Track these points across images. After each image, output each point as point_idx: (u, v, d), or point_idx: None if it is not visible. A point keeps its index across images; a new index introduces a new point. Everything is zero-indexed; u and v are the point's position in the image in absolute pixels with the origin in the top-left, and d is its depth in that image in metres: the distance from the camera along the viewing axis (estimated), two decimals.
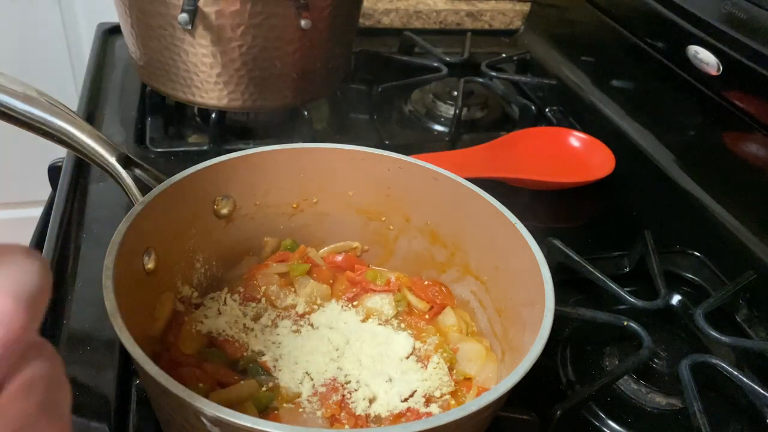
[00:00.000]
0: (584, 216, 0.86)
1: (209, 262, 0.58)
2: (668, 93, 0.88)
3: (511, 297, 0.52)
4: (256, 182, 0.58)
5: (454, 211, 0.57)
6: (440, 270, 0.61)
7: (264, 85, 0.81)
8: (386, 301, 0.58)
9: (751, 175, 0.75)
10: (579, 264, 0.67)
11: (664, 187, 0.85)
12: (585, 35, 1.08)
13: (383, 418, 0.48)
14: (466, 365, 0.53)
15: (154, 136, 0.87)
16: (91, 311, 0.60)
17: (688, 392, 0.55)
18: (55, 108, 0.52)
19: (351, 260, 0.63)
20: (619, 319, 0.61)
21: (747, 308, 0.69)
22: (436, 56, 1.11)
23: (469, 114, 1.01)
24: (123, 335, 0.38)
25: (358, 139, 0.92)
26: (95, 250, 0.66)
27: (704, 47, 0.77)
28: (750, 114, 0.74)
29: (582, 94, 1.03)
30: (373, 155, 0.58)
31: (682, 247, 0.75)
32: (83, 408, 0.51)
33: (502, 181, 0.83)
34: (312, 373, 0.50)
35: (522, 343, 0.48)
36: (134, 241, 0.47)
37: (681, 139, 0.86)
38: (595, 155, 0.89)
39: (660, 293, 0.65)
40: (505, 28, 1.31)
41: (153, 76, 0.84)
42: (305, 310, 0.57)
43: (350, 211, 0.62)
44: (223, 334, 0.53)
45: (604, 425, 0.56)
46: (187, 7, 0.72)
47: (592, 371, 0.61)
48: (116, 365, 0.55)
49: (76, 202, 0.72)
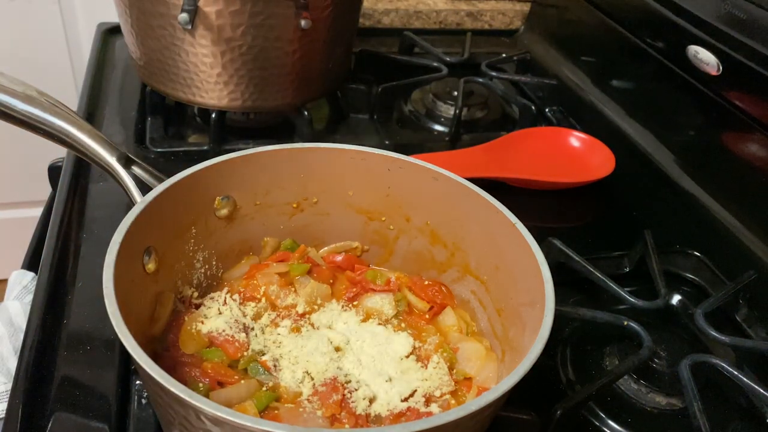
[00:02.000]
0: (584, 216, 0.86)
1: (209, 262, 0.58)
2: (668, 93, 0.88)
3: (511, 297, 0.52)
4: (256, 182, 0.58)
5: (454, 211, 0.57)
6: (440, 270, 0.61)
7: (264, 85, 0.81)
8: (386, 301, 0.58)
9: (751, 175, 0.75)
10: (579, 264, 0.67)
11: (664, 187, 0.85)
12: (585, 35, 1.08)
13: (383, 418, 0.48)
14: (466, 365, 0.53)
15: (154, 136, 0.87)
16: (91, 311, 0.60)
17: (688, 392, 0.55)
18: (55, 108, 0.52)
19: (351, 260, 0.63)
20: (619, 319, 0.61)
21: (747, 308, 0.69)
22: (436, 56, 1.11)
23: (469, 114, 1.01)
24: (123, 335, 0.38)
25: (358, 139, 0.93)
26: (95, 250, 0.66)
27: (704, 47, 0.77)
28: (750, 114, 0.74)
29: (582, 94, 1.03)
30: (373, 155, 0.58)
31: (682, 247, 0.75)
32: (83, 408, 0.51)
33: (502, 181, 0.83)
34: (312, 372, 0.50)
35: (522, 343, 0.48)
36: (134, 241, 0.47)
37: (681, 139, 0.86)
38: (595, 155, 0.89)
39: (660, 293, 0.65)
40: (505, 28, 1.31)
41: (153, 76, 0.84)
42: (305, 310, 0.57)
43: (350, 211, 0.62)
44: (223, 334, 0.53)
45: (604, 425, 0.56)
46: (187, 7, 0.72)
47: (592, 371, 0.61)
48: (116, 365, 0.55)
49: (76, 202, 0.73)
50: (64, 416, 0.51)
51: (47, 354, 0.55)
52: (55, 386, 0.53)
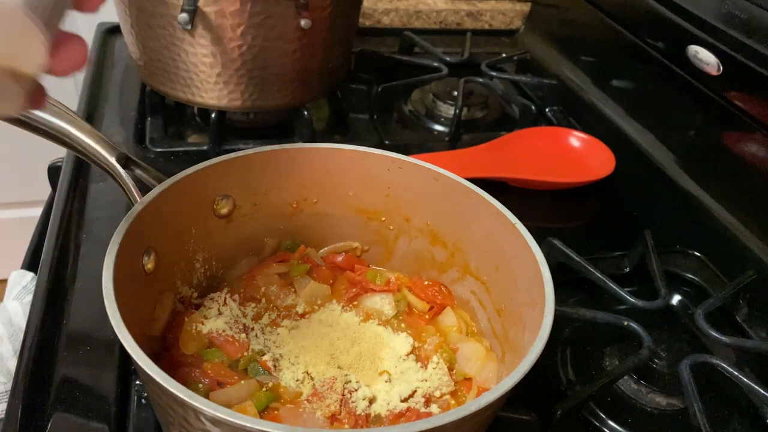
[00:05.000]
0: (584, 216, 0.86)
1: (209, 262, 0.58)
2: (668, 93, 0.88)
3: (511, 297, 0.52)
4: (256, 182, 0.58)
5: (454, 211, 0.57)
6: (440, 270, 0.61)
7: (264, 85, 0.81)
8: (386, 301, 0.58)
9: (751, 175, 0.75)
10: (579, 264, 0.67)
11: (664, 187, 0.85)
12: (585, 35, 1.08)
13: (383, 418, 0.48)
14: (466, 365, 0.53)
15: (154, 136, 0.87)
16: (91, 311, 0.60)
17: (688, 392, 0.55)
18: (55, 108, 0.52)
19: (351, 260, 0.63)
20: (619, 319, 0.61)
21: (747, 308, 0.69)
22: (436, 56, 1.11)
23: (469, 114, 1.01)
24: (123, 335, 0.38)
25: (358, 139, 0.93)
26: (95, 250, 0.66)
27: (704, 47, 0.77)
28: (750, 114, 0.74)
29: (582, 94, 1.03)
30: (373, 155, 0.58)
31: (682, 247, 0.75)
32: (83, 408, 0.51)
33: (502, 181, 0.83)
34: (312, 372, 0.50)
35: (522, 343, 0.48)
36: (134, 241, 0.47)
37: (681, 139, 0.86)
38: (595, 155, 0.89)
39: (660, 293, 0.65)
40: (505, 28, 1.31)
41: (153, 75, 0.84)
42: (305, 310, 0.57)
43: (350, 211, 0.62)
44: (223, 335, 0.53)
45: (604, 425, 0.56)
46: (187, 7, 0.72)
47: (592, 371, 0.61)
48: (116, 365, 0.55)
49: (76, 202, 0.72)
50: (64, 416, 0.51)
51: (47, 354, 0.55)
52: (54, 386, 0.53)
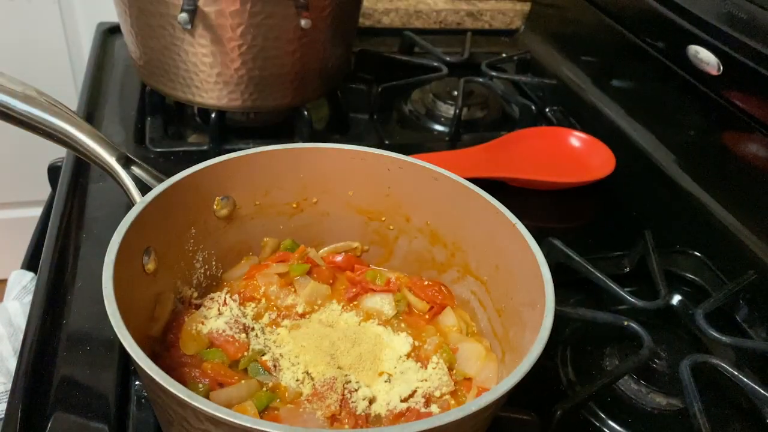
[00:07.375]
0: (584, 216, 0.86)
1: (209, 262, 0.58)
2: (668, 93, 0.88)
3: (511, 297, 0.52)
4: (256, 182, 0.58)
5: (454, 211, 0.57)
6: (440, 270, 0.61)
7: (264, 85, 0.81)
8: (386, 301, 0.58)
9: (751, 175, 0.75)
10: (579, 264, 0.67)
11: (664, 187, 0.85)
12: (585, 35, 1.08)
13: (383, 418, 0.48)
14: (465, 365, 0.53)
15: (154, 136, 0.87)
16: (91, 311, 0.60)
17: (688, 392, 0.55)
18: (55, 108, 0.52)
19: (351, 260, 0.63)
20: (619, 319, 0.61)
21: (747, 308, 0.69)
22: (436, 56, 1.11)
23: (469, 114, 1.01)
24: (123, 335, 0.38)
25: (358, 139, 0.93)
26: (95, 250, 0.66)
27: (704, 47, 0.77)
28: (750, 114, 0.74)
29: (582, 94, 1.03)
30: (373, 155, 0.58)
31: (682, 247, 0.75)
32: (83, 408, 0.51)
33: (502, 181, 0.83)
34: (312, 372, 0.50)
35: (522, 344, 0.48)
36: (134, 241, 0.47)
37: (681, 139, 0.86)
38: (595, 155, 0.89)
39: (660, 293, 0.65)
40: (505, 28, 1.31)
41: (153, 75, 0.84)
42: (305, 310, 0.57)
43: (350, 211, 0.62)
44: (223, 335, 0.53)
45: (604, 425, 0.56)
46: (187, 7, 0.72)
47: (592, 371, 0.61)
48: (116, 365, 0.55)
49: (76, 202, 0.72)
50: (64, 416, 0.51)
51: (47, 354, 0.55)
52: (54, 386, 0.53)
